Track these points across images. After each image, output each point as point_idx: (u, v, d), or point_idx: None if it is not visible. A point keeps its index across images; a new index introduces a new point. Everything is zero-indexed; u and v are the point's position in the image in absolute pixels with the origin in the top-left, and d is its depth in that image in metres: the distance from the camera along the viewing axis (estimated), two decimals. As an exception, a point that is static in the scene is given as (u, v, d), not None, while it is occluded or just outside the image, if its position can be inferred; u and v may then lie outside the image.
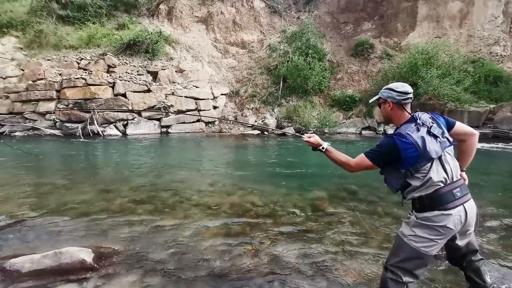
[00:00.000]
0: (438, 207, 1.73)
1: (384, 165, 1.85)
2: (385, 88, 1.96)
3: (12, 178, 5.64)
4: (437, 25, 17.70)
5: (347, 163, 1.94)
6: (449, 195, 1.74)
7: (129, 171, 6.49)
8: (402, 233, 1.84)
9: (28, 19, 15.24)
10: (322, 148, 2.08)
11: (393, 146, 1.74)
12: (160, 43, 15.31)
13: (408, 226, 1.82)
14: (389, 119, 1.99)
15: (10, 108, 12.61)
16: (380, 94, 1.99)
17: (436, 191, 1.73)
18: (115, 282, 2.32)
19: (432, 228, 1.73)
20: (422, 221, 1.76)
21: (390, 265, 1.82)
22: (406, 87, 1.89)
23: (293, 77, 16.10)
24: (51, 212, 3.77)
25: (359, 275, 2.46)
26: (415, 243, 1.75)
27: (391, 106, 1.91)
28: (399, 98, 1.87)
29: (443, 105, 13.90)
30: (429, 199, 1.74)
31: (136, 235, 3.14)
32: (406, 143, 1.70)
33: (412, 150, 1.70)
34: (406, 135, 1.73)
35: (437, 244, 1.75)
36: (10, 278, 2.32)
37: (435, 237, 1.73)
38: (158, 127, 13.39)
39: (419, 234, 1.76)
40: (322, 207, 4.08)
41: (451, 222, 1.72)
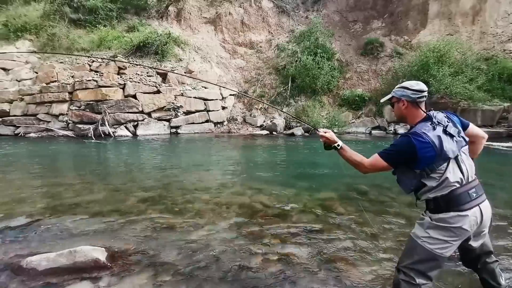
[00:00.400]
0: (454, 208, 1.69)
1: (399, 165, 1.80)
2: (399, 87, 1.91)
3: (27, 179, 5.79)
4: (449, 22, 17.35)
5: (362, 163, 1.88)
6: (465, 196, 1.70)
7: (140, 171, 6.58)
8: (415, 234, 1.80)
9: (41, 23, 15.59)
10: (337, 146, 1.99)
11: (409, 146, 1.69)
12: (169, 44, 15.47)
13: (422, 228, 1.78)
14: (403, 119, 1.94)
15: (25, 110, 12.92)
16: (393, 93, 1.94)
17: (452, 191, 1.69)
18: (127, 281, 2.36)
19: (447, 230, 1.69)
20: (437, 222, 1.72)
21: (403, 267, 1.78)
22: (421, 85, 1.84)
23: (301, 77, 16.03)
24: (65, 211, 3.85)
25: (371, 276, 2.44)
26: (430, 245, 1.71)
27: (406, 105, 1.86)
28: (414, 97, 1.82)
29: (455, 103, 13.63)
30: (444, 200, 1.70)
31: (148, 234, 3.18)
32: (423, 142, 1.66)
33: (429, 150, 1.65)
34: (422, 134, 1.68)
35: (452, 246, 1.71)
36: (27, 276, 2.39)
37: (450, 238, 1.69)
38: (168, 127, 13.53)
39: (433, 235, 1.72)
40: (332, 208, 4.06)
41: (467, 224, 1.68)
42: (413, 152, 1.67)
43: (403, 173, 1.82)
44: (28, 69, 14.25)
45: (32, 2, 16.80)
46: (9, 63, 14.21)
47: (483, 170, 1.99)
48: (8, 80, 13.87)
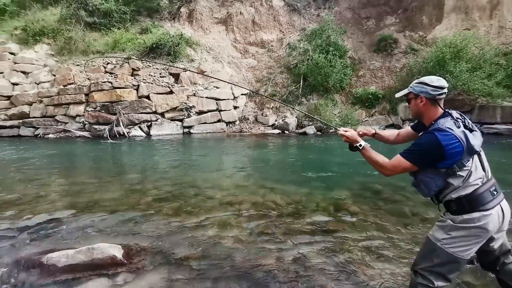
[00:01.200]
0: (478, 208, 1.62)
1: (425, 164, 1.69)
2: (417, 82, 1.80)
3: (46, 178, 5.98)
4: (466, 17, 16.83)
5: (384, 165, 1.78)
6: (488, 194, 1.63)
7: (154, 171, 6.69)
8: (434, 237, 1.72)
9: (58, 27, 16.04)
10: (359, 146, 1.91)
11: (435, 143, 1.60)
12: (181, 45, 15.64)
13: (442, 230, 1.71)
14: (420, 116, 1.85)
15: (44, 112, 13.33)
16: (411, 89, 1.83)
17: (475, 190, 1.62)
18: (143, 278, 2.41)
19: (471, 231, 1.63)
20: (461, 224, 1.64)
21: (421, 269, 1.72)
22: (442, 81, 1.75)
23: (313, 75, 15.89)
24: (82, 210, 3.97)
25: (385, 277, 2.41)
26: (451, 248, 1.65)
27: (424, 101, 1.76)
28: (434, 93, 1.72)
29: (473, 100, 13.21)
30: (468, 200, 1.63)
31: (162, 232, 3.23)
32: (449, 137, 1.58)
33: (456, 145, 1.57)
34: (447, 129, 1.60)
35: (474, 248, 1.65)
36: (47, 271, 2.47)
37: (473, 240, 1.63)
38: (181, 127, 13.69)
39: (456, 238, 1.65)
40: (345, 207, 4.02)
41: (491, 223, 1.62)
42: (440, 149, 1.59)
43: (426, 174, 1.71)
44: (47, 72, 14.70)
45: (49, 7, 17.32)
46: (29, 67, 14.71)
47: (503, 169, 1.93)
48: (27, 83, 14.36)
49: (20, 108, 13.33)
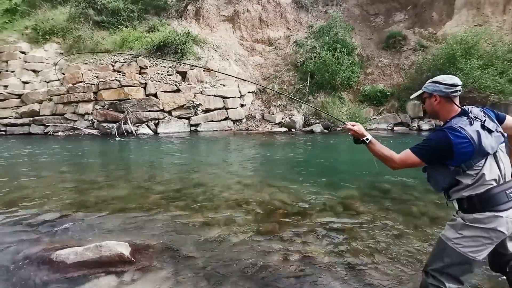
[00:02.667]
0: (490, 208, 1.58)
1: (433, 161, 1.69)
2: (430, 82, 1.81)
3: (55, 176, 6.07)
4: (478, 13, 16.47)
5: (391, 158, 1.79)
6: (503, 195, 1.59)
7: (161, 169, 6.73)
8: (446, 236, 1.71)
9: (67, 25, 16.24)
10: (366, 140, 1.91)
11: (444, 140, 1.60)
12: (189, 43, 15.67)
13: (453, 229, 1.69)
14: (435, 115, 1.84)
15: (53, 110, 13.53)
16: (424, 88, 1.84)
17: (488, 190, 1.59)
18: (150, 276, 2.43)
19: (482, 231, 1.60)
20: (471, 223, 1.62)
21: (432, 270, 1.70)
22: (455, 79, 1.74)
23: (321, 73, 15.77)
24: (91, 207, 4.01)
25: (393, 276, 2.38)
26: (462, 248, 1.63)
27: (438, 100, 1.77)
28: (447, 91, 1.72)
29: (484, 98, 12.94)
30: (480, 199, 1.60)
31: (169, 230, 3.25)
32: (460, 137, 1.57)
33: (466, 145, 1.56)
34: (459, 128, 1.59)
35: (486, 249, 1.62)
36: (56, 268, 2.51)
37: (484, 241, 1.60)
38: (188, 125, 13.74)
39: (467, 237, 1.63)
40: (353, 206, 3.98)
41: (504, 225, 1.57)
42: (449, 147, 1.58)
43: (436, 170, 1.71)
44: (56, 70, 14.90)
45: (59, 6, 17.53)
46: (39, 65, 14.93)
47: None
48: (37, 82, 14.59)
49: (31, 106, 13.55)
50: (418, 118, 14.62)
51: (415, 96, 1.95)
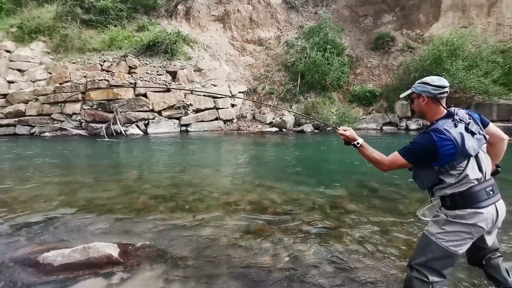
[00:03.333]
0: (471, 205, 1.67)
1: (419, 162, 1.77)
2: (419, 82, 1.87)
3: (43, 177, 5.96)
4: (463, 15, 16.88)
5: (381, 161, 1.85)
6: (483, 193, 1.68)
7: (151, 169, 6.68)
8: (429, 232, 1.79)
9: (54, 24, 15.93)
10: (357, 143, 1.97)
11: (430, 143, 1.67)
12: (179, 43, 15.58)
13: (436, 225, 1.77)
14: (423, 115, 1.90)
15: (40, 110, 13.24)
16: (413, 89, 1.89)
17: (470, 188, 1.68)
18: (139, 276, 2.41)
19: (463, 226, 1.69)
20: (453, 219, 1.71)
21: (416, 264, 1.78)
22: (443, 80, 1.81)
23: (311, 73, 15.90)
24: (79, 209, 3.95)
25: (381, 273, 2.43)
26: (445, 242, 1.71)
27: (426, 101, 1.83)
28: (435, 92, 1.79)
29: (470, 98, 13.29)
30: (462, 197, 1.69)
31: (159, 231, 3.23)
32: (444, 139, 1.64)
33: (450, 147, 1.63)
34: (444, 130, 1.66)
35: (467, 243, 1.71)
36: (43, 271, 2.47)
37: (465, 235, 1.69)
38: (178, 125, 13.66)
39: (449, 232, 1.71)
40: (342, 205, 4.04)
41: (483, 221, 1.67)
42: (434, 149, 1.65)
43: (421, 170, 1.80)
44: (42, 70, 14.60)
45: (45, 4, 17.18)
46: (24, 64, 14.61)
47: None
48: (23, 81, 14.27)
49: (16, 107, 13.24)
50: (406, 118, 14.89)
51: (404, 95, 2.01)
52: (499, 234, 3.08)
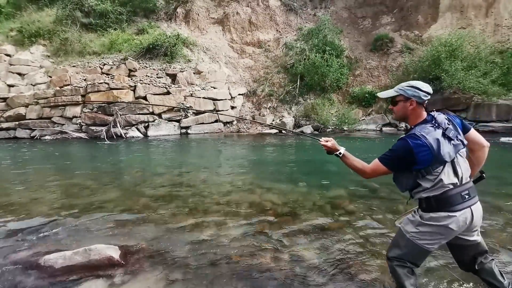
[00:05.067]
0: (445, 209, 1.73)
1: (400, 168, 1.83)
2: (409, 86, 1.84)
3: (43, 180, 5.97)
4: (461, 16, 16.95)
5: (363, 169, 1.92)
6: (457, 197, 1.73)
7: (151, 172, 6.69)
8: (405, 229, 1.90)
9: (54, 28, 15.97)
10: (339, 153, 2.04)
11: (407, 149, 1.71)
12: (178, 46, 15.62)
13: (412, 224, 1.87)
14: (405, 118, 1.91)
15: (40, 113, 13.27)
16: (401, 91, 1.86)
17: (444, 192, 1.73)
18: (140, 278, 2.42)
19: (436, 228, 1.77)
20: (427, 221, 1.79)
21: (392, 257, 1.94)
22: (430, 87, 1.85)
23: (310, 75, 15.94)
24: (79, 211, 3.96)
25: (381, 274, 2.43)
26: (418, 240, 1.82)
27: (414, 105, 1.83)
28: (425, 99, 1.81)
29: (469, 98, 13.31)
30: (436, 200, 1.75)
31: (159, 233, 3.24)
32: (420, 145, 1.68)
33: (426, 153, 1.67)
34: (420, 136, 1.69)
35: (439, 242, 1.82)
36: (45, 273, 2.48)
37: (438, 236, 1.78)
38: (178, 128, 13.68)
39: (422, 233, 1.81)
40: (342, 205, 4.05)
41: (455, 224, 1.73)
42: (411, 155, 1.70)
43: (401, 173, 1.86)
44: (43, 73, 14.63)
45: (45, 8, 17.24)
46: (24, 68, 14.64)
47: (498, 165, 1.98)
48: (23, 85, 14.30)
49: (16, 110, 13.26)
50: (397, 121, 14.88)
51: (387, 96, 1.99)
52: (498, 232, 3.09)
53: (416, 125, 1.82)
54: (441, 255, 2.62)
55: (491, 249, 2.76)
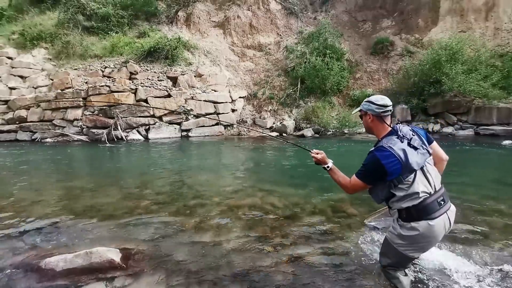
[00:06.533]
0: (425, 217, 1.81)
1: (375, 181, 1.90)
2: (366, 101, 2.03)
3: (44, 183, 5.97)
4: (461, 19, 17.00)
5: (346, 185, 2.01)
6: (434, 204, 1.82)
7: (152, 174, 6.69)
8: (390, 239, 2.00)
9: (56, 31, 16.06)
10: (327, 167, 2.13)
11: (375, 162, 1.80)
12: (179, 49, 15.68)
13: (395, 235, 1.96)
14: (371, 131, 2.06)
15: (41, 116, 13.31)
16: (360, 106, 2.06)
17: (423, 201, 1.80)
18: (141, 281, 2.42)
19: (419, 237, 1.84)
20: (409, 231, 1.86)
21: (383, 266, 2.17)
22: (386, 100, 1.96)
23: (311, 78, 15.97)
24: (80, 214, 3.96)
25: (383, 277, 2.42)
26: (403, 249, 1.92)
27: (371, 118, 1.98)
28: (378, 111, 1.94)
29: (469, 101, 13.32)
30: (416, 210, 1.82)
31: (160, 236, 3.24)
32: (388, 156, 1.76)
33: (395, 163, 1.75)
34: (388, 148, 1.78)
35: (423, 250, 1.93)
36: (46, 276, 2.47)
37: (422, 243, 1.87)
38: (179, 131, 13.70)
39: (406, 242, 1.89)
40: (343, 208, 4.04)
41: (437, 230, 1.82)
42: (380, 168, 1.77)
43: (375, 184, 1.94)
44: (44, 76, 14.70)
45: (47, 11, 17.35)
46: (26, 71, 14.70)
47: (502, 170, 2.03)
48: (25, 87, 14.35)
49: (18, 113, 13.30)
50: (406, 122, 14.91)
51: (355, 112, 2.18)
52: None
53: (383, 137, 1.92)
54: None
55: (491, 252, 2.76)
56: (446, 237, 3.05)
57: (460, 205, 4.06)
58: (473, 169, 6.79)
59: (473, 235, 3.15)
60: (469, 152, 9.03)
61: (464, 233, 3.20)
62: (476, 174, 6.29)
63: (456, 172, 5.98)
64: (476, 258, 2.64)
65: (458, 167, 6.72)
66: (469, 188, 5.02)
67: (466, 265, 2.50)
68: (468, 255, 2.69)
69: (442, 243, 2.89)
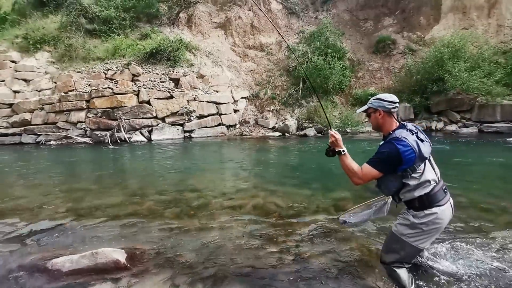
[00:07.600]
0: (436, 204, 1.93)
1: (389, 170, 1.95)
2: (375, 98, 2.11)
3: (49, 185, 6.03)
4: (464, 17, 16.91)
5: (357, 173, 2.01)
6: (441, 192, 1.96)
7: (155, 175, 6.73)
8: (400, 232, 2.03)
9: (59, 34, 16.18)
10: (342, 151, 2.10)
11: (394, 151, 1.87)
12: (181, 50, 15.73)
13: (406, 226, 2.01)
14: (379, 127, 2.13)
15: (45, 119, 13.41)
16: (370, 104, 2.13)
17: (432, 189, 1.93)
18: (147, 281, 2.44)
19: (432, 223, 1.93)
20: (422, 218, 1.94)
21: (390, 263, 2.09)
22: (394, 97, 2.07)
23: (312, 77, 15.95)
24: (86, 215, 4.00)
25: (386, 276, 2.43)
26: (415, 241, 1.97)
27: (382, 114, 2.07)
28: (389, 107, 2.04)
29: (473, 99, 13.24)
30: (428, 198, 1.93)
31: (165, 236, 3.26)
32: (405, 145, 1.86)
33: (410, 152, 1.85)
34: (403, 138, 1.89)
35: (431, 238, 2.00)
36: (52, 277, 2.51)
37: (433, 231, 1.96)
38: (182, 132, 13.74)
39: (418, 231, 1.96)
40: (346, 208, 4.03)
41: (447, 215, 1.97)
42: (398, 156, 1.86)
43: (386, 177, 1.99)
44: (47, 79, 14.80)
45: (49, 15, 17.48)
46: (30, 74, 14.82)
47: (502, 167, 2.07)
48: (29, 91, 14.47)
49: (22, 116, 13.41)
50: (409, 120, 14.84)
51: (361, 111, 2.21)
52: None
53: (393, 130, 2.02)
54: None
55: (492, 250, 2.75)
56: (448, 233, 3.07)
57: (464, 202, 4.06)
58: (477, 166, 6.76)
59: (476, 233, 3.15)
60: (473, 150, 8.98)
61: (467, 230, 3.19)
62: (480, 171, 6.26)
63: (459, 170, 5.95)
64: (478, 255, 2.64)
65: (462, 165, 6.69)
66: (472, 185, 5.00)
67: (468, 263, 2.50)
68: (470, 253, 2.69)
69: (444, 240, 2.90)
